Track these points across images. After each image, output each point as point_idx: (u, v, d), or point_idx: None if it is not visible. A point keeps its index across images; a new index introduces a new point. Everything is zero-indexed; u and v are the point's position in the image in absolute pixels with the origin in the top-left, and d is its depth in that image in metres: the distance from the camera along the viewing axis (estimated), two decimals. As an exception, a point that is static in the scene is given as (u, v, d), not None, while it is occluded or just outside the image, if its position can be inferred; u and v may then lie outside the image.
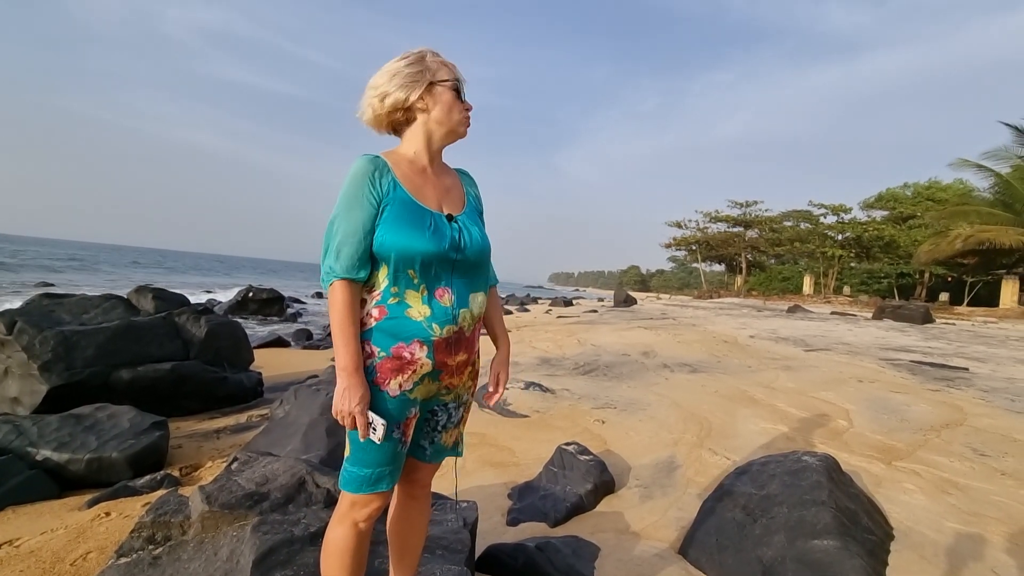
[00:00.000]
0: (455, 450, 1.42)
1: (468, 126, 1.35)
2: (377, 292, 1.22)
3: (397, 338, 1.20)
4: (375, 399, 1.20)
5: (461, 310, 1.25)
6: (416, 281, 1.21)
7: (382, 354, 1.20)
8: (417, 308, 1.21)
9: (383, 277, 1.21)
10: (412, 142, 1.32)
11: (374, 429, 1.18)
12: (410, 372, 1.21)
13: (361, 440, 1.19)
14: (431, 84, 1.28)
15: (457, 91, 1.31)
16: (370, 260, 1.21)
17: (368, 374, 1.20)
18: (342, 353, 1.17)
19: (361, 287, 1.22)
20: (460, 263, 1.26)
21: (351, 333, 1.17)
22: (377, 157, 1.25)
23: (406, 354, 1.20)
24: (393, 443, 1.22)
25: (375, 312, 1.21)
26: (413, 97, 1.28)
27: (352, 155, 1.26)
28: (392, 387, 1.20)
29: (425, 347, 1.21)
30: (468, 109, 1.34)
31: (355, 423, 1.16)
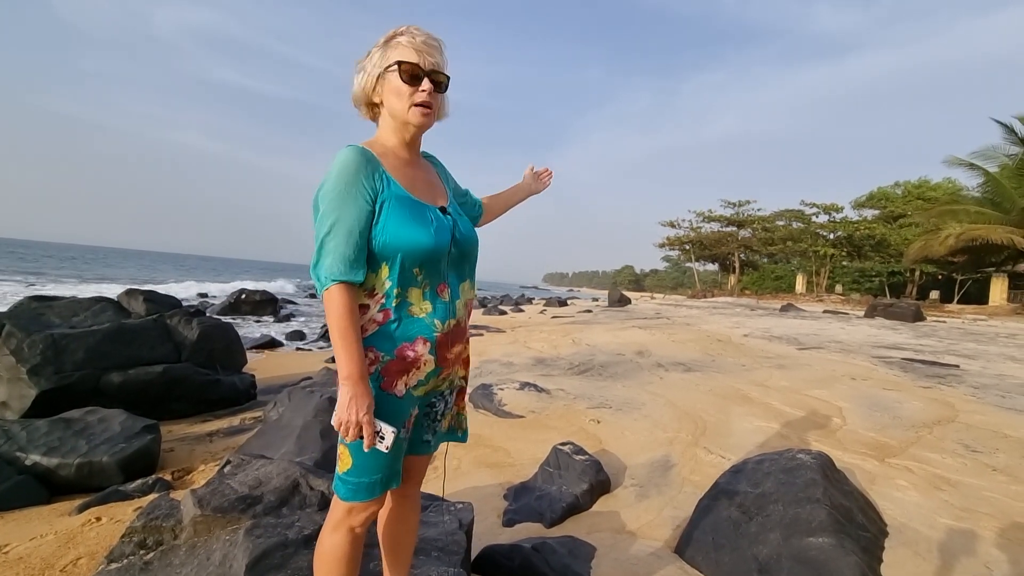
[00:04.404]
0: (453, 435, 1.40)
1: (426, 115, 1.20)
2: (380, 295, 1.16)
3: (401, 339, 1.16)
4: (384, 403, 1.16)
5: (456, 302, 1.24)
6: (420, 279, 1.18)
7: (386, 357, 1.16)
8: (419, 305, 1.18)
9: (385, 278, 1.16)
10: (385, 132, 1.26)
11: (382, 437, 1.13)
12: (415, 371, 1.18)
13: (366, 450, 1.13)
14: (384, 71, 1.19)
15: (411, 74, 1.17)
16: (367, 260, 1.14)
17: (374, 380, 1.15)
18: (346, 360, 1.09)
19: (359, 289, 1.15)
20: (455, 256, 1.25)
21: (353, 338, 1.09)
22: (365, 149, 1.17)
23: (409, 353, 1.17)
24: (400, 443, 1.21)
25: (379, 316, 1.16)
26: (369, 88, 1.21)
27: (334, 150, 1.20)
28: (399, 388, 1.18)
29: (428, 344, 1.18)
30: (420, 94, 1.18)
31: (360, 433, 1.10)
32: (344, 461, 1.18)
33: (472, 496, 2.75)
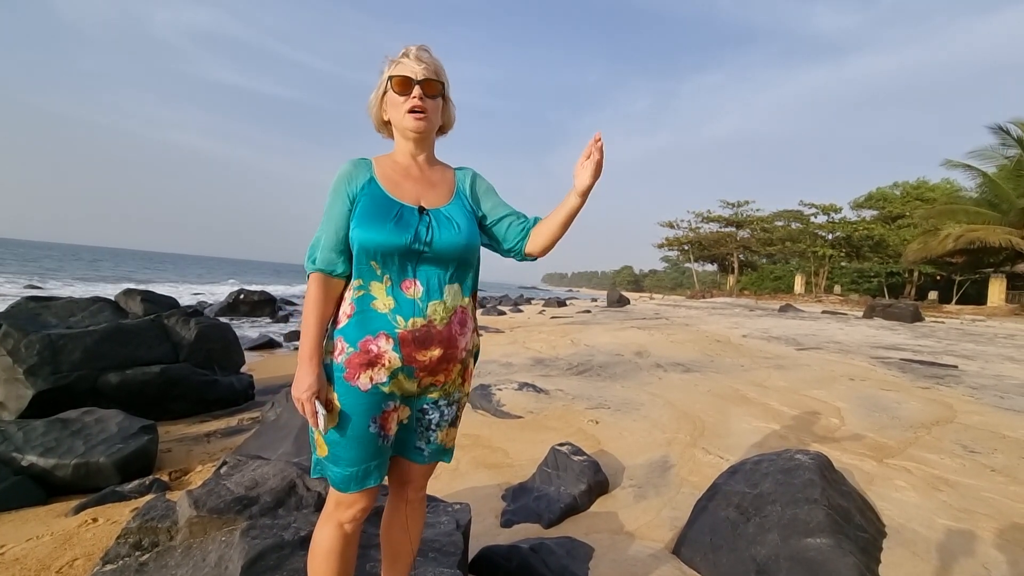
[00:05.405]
0: (446, 455, 1.38)
1: (419, 119, 1.26)
2: (353, 288, 1.24)
3: (364, 331, 1.20)
4: (347, 394, 1.20)
5: (431, 303, 1.21)
6: (379, 272, 1.21)
7: (350, 349, 1.20)
8: (382, 300, 1.21)
9: (356, 273, 1.24)
10: (396, 144, 1.36)
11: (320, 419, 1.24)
12: (380, 366, 1.19)
13: (312, 427, 1.21)
14: (384, 91, 1.31)
15: (402, 85, 1.26)
16: (347, 256, 1.25)
17: (338, 370, 1.20)
18: (302, 341, 1.22)
19: (337, 283, 1.25)
20: (428, 255, 1.22)
21: (312, 324, 1.22)
22: (362, 159, 1.30)
23: (372, 347, 1.19)
24: (373, 437, 1.21)
25: (348, 308, 1.23)
26: (378, 110, 1.34)
27: (344, 154, 1.29)
28: (363, 381, 1.19)
29: (391, 340, 1.19)
30: (410, 100, 1.25)
31: (304, 409, 1.21)
32: (324, 448, 1.23)
33: (470, 497, 2.75)
